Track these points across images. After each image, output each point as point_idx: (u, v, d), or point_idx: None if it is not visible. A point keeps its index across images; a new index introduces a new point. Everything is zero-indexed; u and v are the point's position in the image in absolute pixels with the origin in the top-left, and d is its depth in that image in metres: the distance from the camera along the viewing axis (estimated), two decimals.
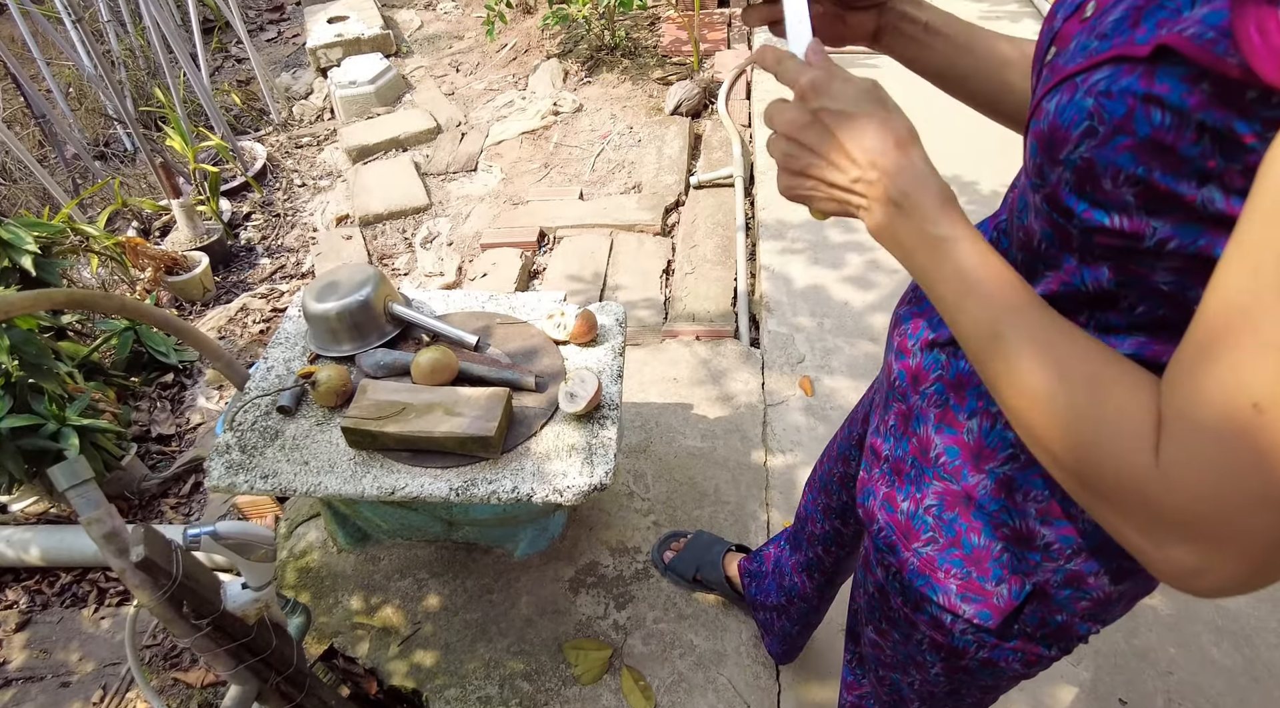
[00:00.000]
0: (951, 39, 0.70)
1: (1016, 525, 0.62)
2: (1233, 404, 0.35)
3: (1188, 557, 0.39)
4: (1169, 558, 0.40)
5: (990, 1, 3.62)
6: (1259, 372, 0.35)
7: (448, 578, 1.65)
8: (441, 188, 3.06)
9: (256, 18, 4.51)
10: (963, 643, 0.70)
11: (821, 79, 0.53)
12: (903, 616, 0.75)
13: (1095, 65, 0.43)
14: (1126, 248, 0.45)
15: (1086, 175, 0.44)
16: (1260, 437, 0.35)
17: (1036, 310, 0.47)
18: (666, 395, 2.03)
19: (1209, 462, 0.37)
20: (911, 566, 0.72)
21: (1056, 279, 0.53)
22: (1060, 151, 0.45)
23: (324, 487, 1.20)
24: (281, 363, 1.41)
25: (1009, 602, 0.65)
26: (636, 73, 3.48)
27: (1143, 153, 0.41)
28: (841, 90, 0.53)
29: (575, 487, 1.18)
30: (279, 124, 3.53)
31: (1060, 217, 0.48)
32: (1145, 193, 0.42)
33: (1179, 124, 0.39)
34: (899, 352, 0.71)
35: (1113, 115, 0.41)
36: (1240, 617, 1.52)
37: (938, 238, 0.50)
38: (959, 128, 2.80)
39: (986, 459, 0.63)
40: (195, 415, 2.24)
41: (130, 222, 2.87)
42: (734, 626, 1.55)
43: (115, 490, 1.94)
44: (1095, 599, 0.63)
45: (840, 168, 0.53)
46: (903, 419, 0.72)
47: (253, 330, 2.50)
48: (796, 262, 2.38)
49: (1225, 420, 0.36)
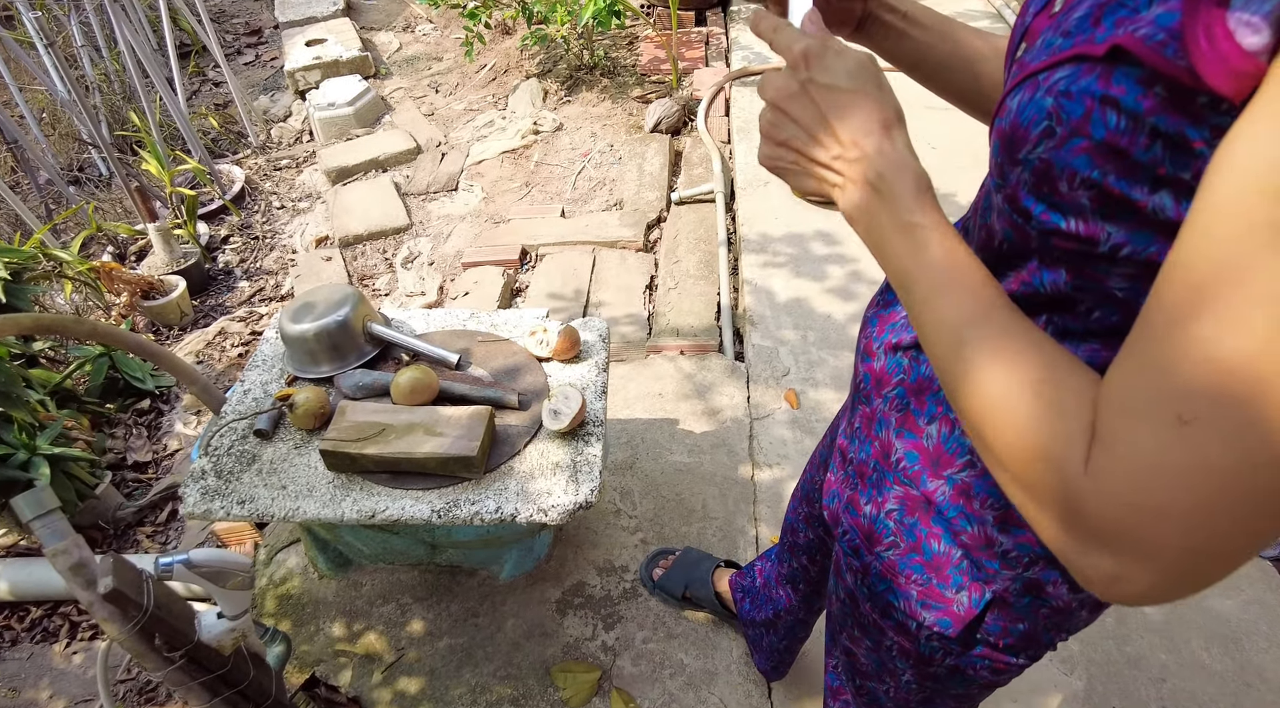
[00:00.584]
0: (930, 29, 0.70)
1: (975, 532, 0.62)
2: (1159, 415, 0.35)
3: (1108, 564, 0.38)
4: (1092, 564, 0.39)
5: (962, 17, 3.69)
6: (1183, 383, 0.34)
7: (432, 602, 1.62)
8: (422, 208, 3.05)
9: (234, 41, 4.50)
10: (928, 650, 0.70)
11: (814, 49, 0.52)
12: (871, 622, 0.75)
13: (1057, 63, 0.42)
14: (1082, 252, 0.45)
15: (1044, 177, 0.44)
16: (1182, 451, 0.34)
17: (999, 308, 0.46)
18: (652, 411, 2.02)
19: (1133, 473, 0.36)
20: (875, 570, 0.71)
21: (1016, 279, 0.52)
22: (1020, 151, 0.45)
23: (303, 511, 1.18)
24: (259, 386, 1.38)
25: (969, 610, 0.64)
26: (616, 91, 3.50)
27: (1098, 156, 0.40)
28: (833, 63, 0.51)
29: (560, 506, 1.16)
30: (257, 147, 3.50)
31: (1020, 218, 0.48)
32: (1100, 197, 0.41)
33: (1133, 128, 0.38)
34: (864, 354, 0.71)
35: (1070, 116, 0.41)
36: (1230, 621, 1.52)
37: (910, 225, 0.49)
38: (943, 136, 2.84)
39: (945, 465, 0.62)
40: (173, 441, 2.20)
41: (105, 246, 2.83)
42: (724, 644, 1.53)
43: (89, 520, 1.89)
44: (1055, 608, 0.62)
45: (822, 144, 0.52)
46: (866, 422, 0.71)
47: (231, 354, 2.46)
48: (779, 275, 2.38)
49: (1152, 432, 0.35)
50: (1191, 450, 0.34)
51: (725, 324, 2.29)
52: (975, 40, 0.70)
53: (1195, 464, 0.34)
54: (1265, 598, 1.56)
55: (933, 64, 0.71)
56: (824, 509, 0.80)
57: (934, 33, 0.70)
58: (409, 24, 4.48)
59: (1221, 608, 1.54)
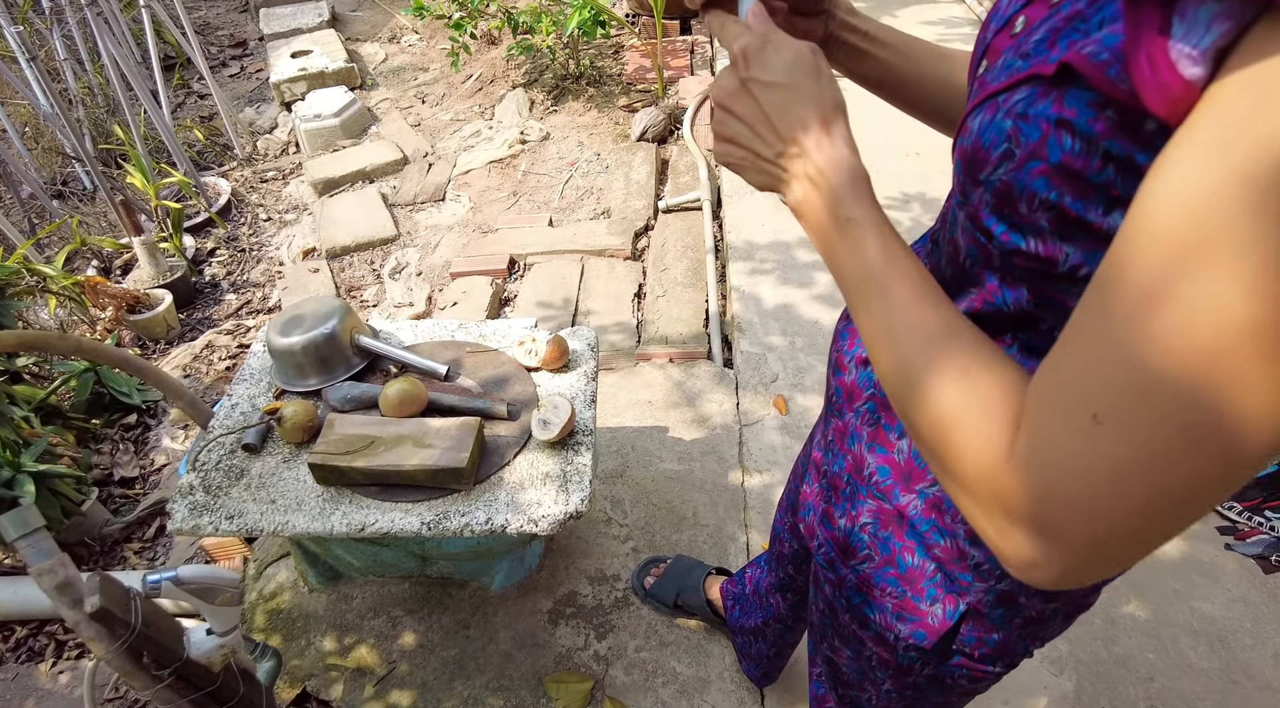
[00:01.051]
0: (892, 48, 0.71)
1: (948, 545, 0.62)
2: (1076, 412, 0.36)
3: (1026, 548, 0.40)
4: (1011, 546, 0.41)
5: (945, 25, 3.73)
6: (1101, 384, 0.35)
7: (423, 615, 1.61)
8: (409, 218, 3.04)
9: (219, 53, 4.49)
10: (906, 661, 0.70)
11: (753, 46, 0.52)
12: (851, 632, 0.75)
13: (1015, 85, 0.43)
14: (1042, 271, 0.45)
15: (1005, 198, 0.44)
16: (1096, 447, 0.36)
17: (929, 303, 0.47)
18: (642, 419, 2.02)
19: (1051, 464, 0.38)
20: (850, 582, 0.72)
21: (980, 297, 0.53)
22: (981, 172, 0.45)
23: (292, 525, 1.17)
24: (246, 400, 1.38)
25: (943, 622, 0.65)
26: (602, 101, 3.52)
27: (1055, 178, 0.41)
28: (772, 59, 0.52)
29: (550, 516, 1.16)
30: (243, 159, 3.49)
31: (982, 236, 0.48)
32: (1057, 218, 0.42)
33: (1087, 151, 0.39)
34: (836, 367, 0.71)
35: (1028, 139, 0.41)
36: (1215, 620, 1.54)
37: (846, 220, 0.50)
38: (916, 142, 2.87)
39: (917, 479, 0.63)
40: (160, 456, 2.18)
41: (90, 261, 2.82)
42: (717, 651, 1.53)
43: (75, 537, 1.87)
44: (1028, 618, 0.63)
45: (765, 140, 0.53)
46: (839, 436, 0.72)
47: (219, 367, 2.45)
48: (766, 282, 2.39)
49: (1068, 428, 0.37)
50: (1101, 448, 0.35)
51: (714, 331, 2.30)
52: (937, 57, 0.71)
53: (1104, 461, 0.35)
54: (1249, 596, 1.57)
55: (896, 82, 0.72)
56: (799, 522, 0.80)
57: (896, 51, 0.71)
58: (395, 35, 4.49)
59: (1207, 607, 1.56)
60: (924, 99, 0.72)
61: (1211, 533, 1.69)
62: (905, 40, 0.71)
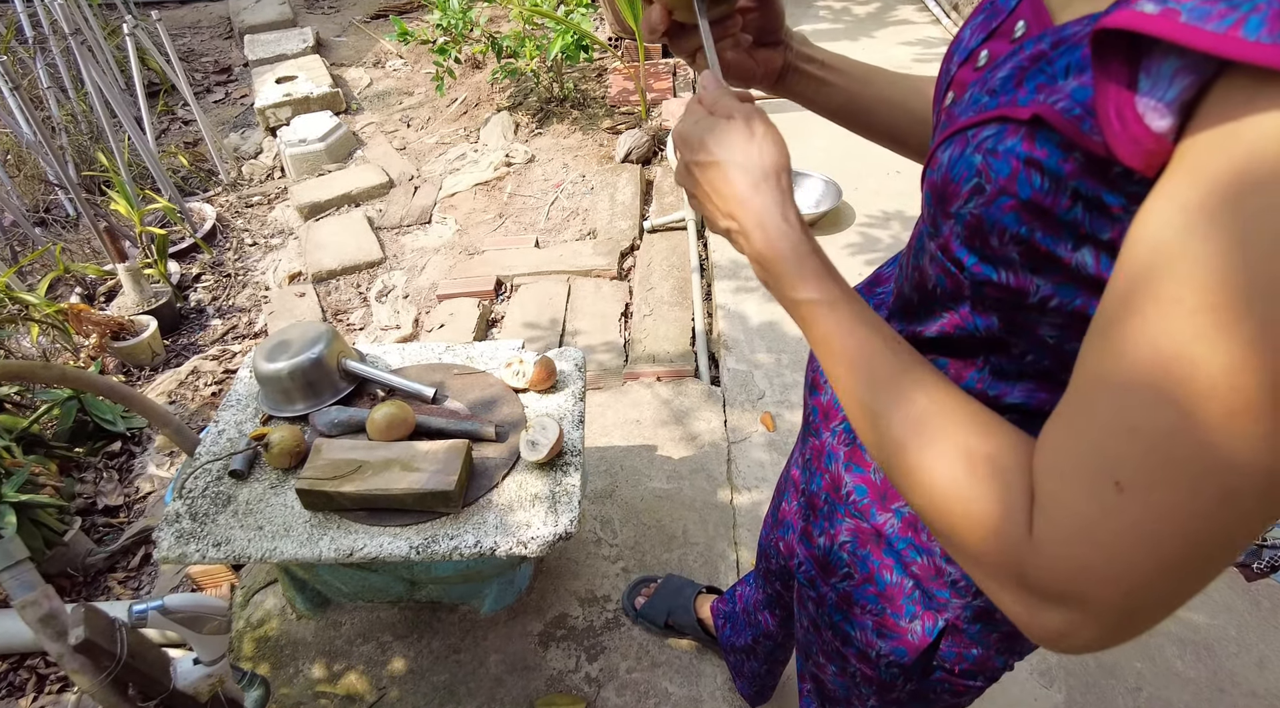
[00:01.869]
0: (849, 76, 0.72)
1: (925, 563, 0.63)
2: (1097, 484, 0.36)
3: (1056, 623, 0.39)
4: (1040, 624, 0.40)
5: (922, 45, 3.80)
6: (1117, 451, 0.35)
7: (412, 640, 1.60)
8: (396, 241, 3.05)
9: (203, 80, 4.50)
10: (889, 677, 0.70)
11: (685, 130, 0.55)
12: (834, 649, 0.76)
13: (983, 122, 0.44)
14: (1013, 302, 0.46)
15: (976, 231, 0.45)
16: (1122, 516, 0.35)
17: (910, 378, 0.46)
18: (630, 438, 2.03)
19: (1073, 537, 0.37)
20: (830, 600, 0.72)
21: (951, 322, 0.53)
22: (951, 205, 0.46)
23: (279, 552, 1.16)
24: (233, 426, 1.38)
25: (923, 638, 0.65)
26: (586, 123, 3.55)
27: (1025, 214, 0.41)
28: (701, 137, 0.54)
29: (540, 537, 1.16)
30: (228, 184, 3.50)
31: (953, 267, 0.49)
32: (1028, 252, 0.43)
33: (1055, 189, 0.40)
34: (812, 386, 0.72)
35: (998, 175, 0.42)
36: (1200, 628, 1.55)
37: (794, 301, 0.51)
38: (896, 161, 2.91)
39: (893, 498, 0.64)
40: (145, 484, 2.16)
41: (73, 288, 2.80)
42: (709, 671, 1.53)
43: (57, 568, 1.85)
44: (1005, 633, 0.64)
45: (716, 217, 0.55)
46: (816, 455, 0.72)
47: (204, 393, 2.44)
48: (751, 300, 2.42)
49: (1088, 498, 0.36)
50: (1128, 517, 0.35)
51: (700, 349, 2.32)
52: (894, 83, 0.72)
53: (1132, 530, 0.35)
54: (1233, 604, 1.59)
55: (857, 108, 0.73)
56: (778, 541, 0.81)
57: (854, 79, 0.72)
58: (379, 60, 4.52)
59: (1192, 615, 1.57)
60: (884, 124, 0.73)
61: None
62: (862, 68, 0.73)
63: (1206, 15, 0.30)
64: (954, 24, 3.89)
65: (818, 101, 0.74)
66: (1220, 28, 0.30)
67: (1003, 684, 1.47)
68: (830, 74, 0.72)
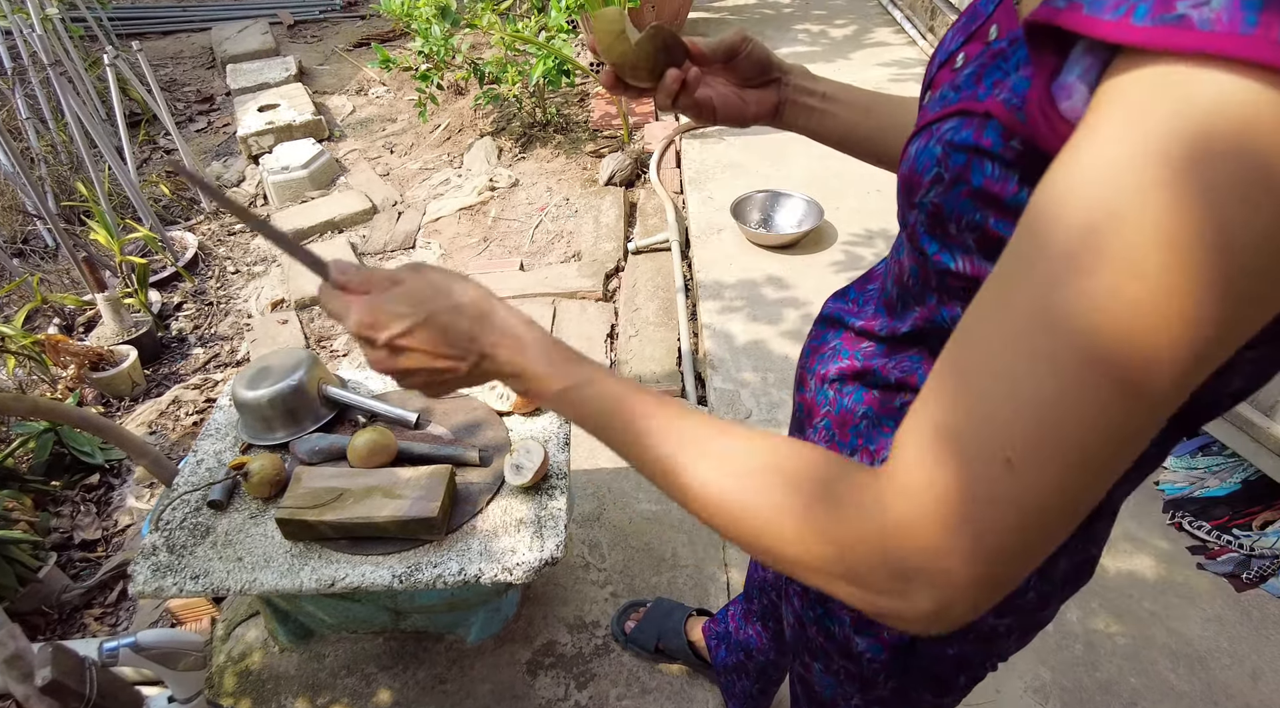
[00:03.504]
0: (850, 104, 0.73)
1: None
2: (987, 459, 0.36)
3: (926, 604, 0.39)
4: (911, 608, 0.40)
5: (899, 66, 3.86)
6: (1015, 427, 0.35)
7: (398, 671, 1.57)
8: (380, 267, 3.04)
9: (185, 109, 4.50)
10: (870, 673, 0.71)
11: (361, 316, 0.52)
12: (818, 645, 0.76)
13: (946, 116, 0.46)
14: (972, 290, 0.47)
15: (937, 219, 0.47)
16: (1009, 490, 0.35)
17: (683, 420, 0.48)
18: (617, 460, 2.01)
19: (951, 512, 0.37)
20: (813, 594, 0.72)
21: (921, 315, 0.55)
22: (916, 195, 0.48)
23: (260, 583, 1.14)
24: (212, 455, 1.35)
25: (898, 637, 0.66)
26: (569, 147, 3.57)
27: (978, 201, 0.43)
28: (389, 310, 0.52)
29: (526, 563, 1.14)
30: (210, 212, 3.48)
31: (919, 256, 0.51)
32: (983, 239, 0.44)
33: (1004, 176, 0.42)
34: (799, 383, 0.73)
35: (955, 164, 0.44)
36: (1193, 640, 1.55)
37: (558, 392, 0.52)
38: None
39: None
40: (124, 517, 2.12)
41: (51, 319, 2.76)
42: (700, 696, 1.50)
43: (31, 605, 1.80)
44: (981, 634, 0.64)
45: (453, 369, 0.53)
46: None
47: (186, 423, 2.40)
48: (736, 319, 2.42)
49: (978, 474, 0.36)
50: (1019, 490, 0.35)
51: (687, 369, 2.31)
52: (894, 109, 0.74)
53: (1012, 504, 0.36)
54: (1224, 615, 1.59)
55: (859, 137, 0.75)
56: None
57: (856, 108, 0.73)
58: (362, 87, 4.54)
59: (1184, 629, 1.57)
60: (888, 151, 0.74)
61: (1183, 553, 1.71)
62: (864, 97, 0.74)
63: (1103, 5, 0.34)
64: (930, 45, 3.95)
65: (820, 133, 0.76)
66: (1114, 16, 0.33)
67: (996, 704, 1.45)
68: (831, 106, 0.73)
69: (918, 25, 4.17)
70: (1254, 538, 1.68)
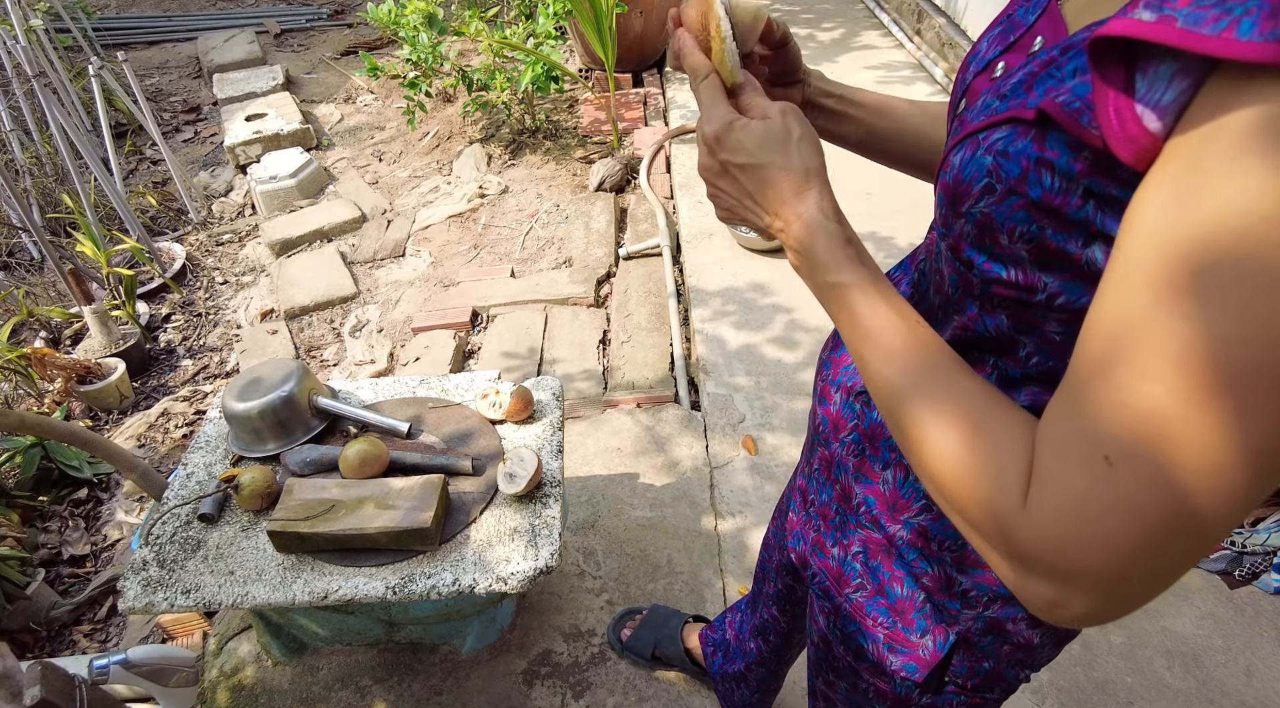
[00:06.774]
0: (867, 108, 0.74)
1: (935, 574, 0.63)
2: (1087, 457, 0.38)
3: (1047, 591, 0.41)
4: (1032, 590, 0.42)
5: (886, 69, 3.88)
6: (1112, 427, 0.36)
7: (392, 683, 1.56)
8: (369, 275, 3.03)
9: (172, 119, 4.48)
10: (904, 691, 0.70)
11: (720, 131, 0.55)
12: (845, 664, 0.75)
13: (994, 124, 0.46)
14: (1021, 300, 0.47)
15: (986, 229, 0.46)
16: (1110, 489, 0.37)
17: (930, 360, 0.48)
18: (611, 466, 2.01)
19: (1065, 509, 0.39)
20: (845, 611, 0.72)
21: (961, 324, 0.55)
22: (963, 205, 0.48)
23: (252, 597, 1.13)
24: (202, 468, 1.34)
25: (934, 654, 0.65)
26: (559, 153, 3.57)
27: (1035, 212, 0.43)
28: (740, 140, 0.54)
29: (520, 572, 1.13)
30: (198, 223, 3.46)
31: (962, 266, 0.50)
32: (1037, 250, 0.44)
33: (1066, 188, 0.41)
34: (821, 396, 0.72)
35: (1009, 175, 0.44)
36: (1188, 639, 1.55)
37: (830, 285, 0.53)
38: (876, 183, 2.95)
39: (901, 510, 0.64)
40: (114, 531, 2.09)
41: (38, 332, 2.74)
42: (698, 703, 1.50)
43: (19, 623, 1.78)
44: (1017, 644, 0.64)
45: (756, 213, 0.56)
46: (826, 465, 0.73)
47: (175, 435, 2.38)
48: (728, 324, 2.42)
49: (1079, 473, 0.38)
50: (1116, 489, 0.36)
51: (679, 374, 2.31)
52: (912, 112, 0.74)
53: (1119, 502, 0.36)
54: (1217, 612, 1.59)
55: (876, 139, 0.75)
56: (789, 551, 0.81)
57: (872, 110, 0.74)
58: (350, 96, 4.53)
59: (1178, 627, 1.57)
60: (903, 153, 0.75)
61: None
62: (879, 100, 0.75)
63: (1201, 20, 0.32)
64: (916, 48, 3.97)
65: (838, 135, 0.76)
66: (1215, 31, 0.32)
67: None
68: (849, 108, 0.74)
69: (905, 29, 4.20)
70: (1246, 535, 1.68)
